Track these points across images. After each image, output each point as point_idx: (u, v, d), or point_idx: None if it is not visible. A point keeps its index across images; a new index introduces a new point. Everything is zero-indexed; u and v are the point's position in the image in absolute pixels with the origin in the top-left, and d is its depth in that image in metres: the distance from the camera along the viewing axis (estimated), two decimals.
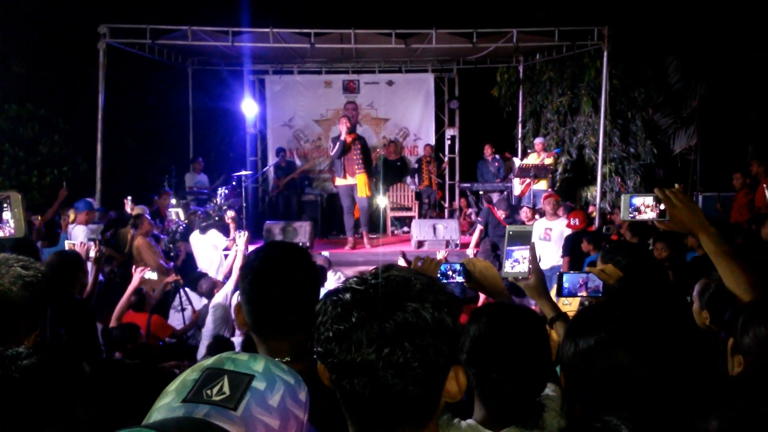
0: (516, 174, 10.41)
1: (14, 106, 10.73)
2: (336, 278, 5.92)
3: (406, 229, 11.36)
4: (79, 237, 6.44)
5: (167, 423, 0.75)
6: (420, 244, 9.63)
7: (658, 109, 12.93)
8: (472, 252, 8.88)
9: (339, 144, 8.93)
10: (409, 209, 11.30)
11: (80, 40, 10.33)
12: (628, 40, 11.14)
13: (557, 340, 2.01)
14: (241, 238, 5.75)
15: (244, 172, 10.11)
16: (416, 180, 11.74)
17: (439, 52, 11.13)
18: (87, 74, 9.78)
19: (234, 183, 10.08)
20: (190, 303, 6.24)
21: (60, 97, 11.53)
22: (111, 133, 9.85)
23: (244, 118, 12.11)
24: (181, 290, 6.26)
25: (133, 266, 5.37)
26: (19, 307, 1.67)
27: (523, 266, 2.00)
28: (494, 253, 8.54)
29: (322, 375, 0.98)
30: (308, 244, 9.17)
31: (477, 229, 9.14)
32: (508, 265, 2.00)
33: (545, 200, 8.18)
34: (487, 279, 2.11)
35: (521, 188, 10.31)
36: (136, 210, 8.05)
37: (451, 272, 2.15)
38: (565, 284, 2.34)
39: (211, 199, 9.88)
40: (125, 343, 4.31)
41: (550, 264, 7.50)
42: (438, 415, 1.00)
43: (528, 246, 1.99)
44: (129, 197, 8.64)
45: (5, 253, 1.83)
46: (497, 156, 11.82)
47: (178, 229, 8.20)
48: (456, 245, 9.56)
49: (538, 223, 7.96)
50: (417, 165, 11.87)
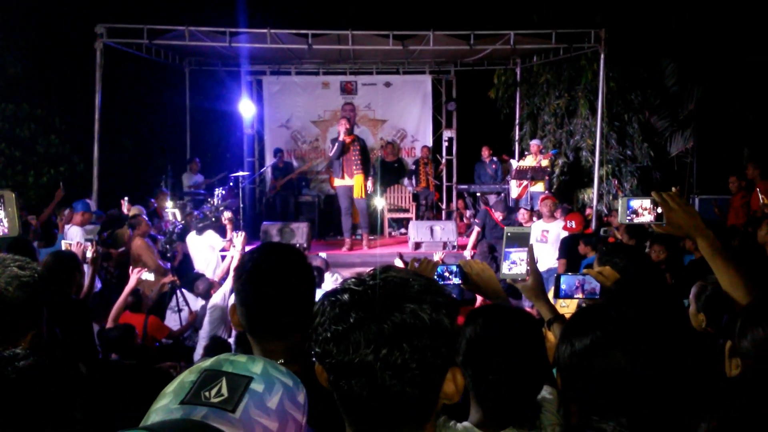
0: (513, 176, 10.42)
1: (11, 106, 10.69)
2: (333, 280, 5.91)
3: (403, 230, 11.37)
4: (75, 238, 6.42)
5: (165, 425, 0.75)
6: (417, 245, 9.63)
7: (655, 111, 12.94)
8: (470, 254, 8.89)
9: (338, 145, 8.96)
10: (406, 211, 11.31)
11: (77, 39, 10.31)
12: (625, 42, 11.16)
13: (554, 342, 2.01)
14: (239, 239, 5.75)
15: (241, 173, 10.10)
16: (413, 181, 11.74)
17: (437, 53, 11.14)
18: (84, 74, 9.75)
19: (231, 184, 10.07)
20: (187, 304, 6.23)
21: (57, 97, 11.49)
22: (108, 133, 9.83)
23: (241, 119, 12.11)
24: (178, 291, 6.24)
25: (130, 267, 5.35)
26: (15, 308, 1.66)
27: (521, 268, 2.00)
28: (491, 254, 8.55)
29: (319, 376, 0.98)
30: (305, 246, 9.16)
31: (474, 230, 9.16)
32: (505, 267, 2.00)
33: (542, 202, 8.20)
34: (484, 281, 2.10)
35: (518, 190, 10.32)
36: (132, 210, 8.03)
37: (447, 274, 2.15)
38: (562, 286, 2.34)
39: (208, 199, 9.86)
40: (121, 344, 4.30)
41: (547, 266, 7.51)
42: (435, 416, 1.00)
43: (526, 248, 2.00)
44: (125, 198, 8.63)
45: (1, 253, 1.83)
46: (494, 158, 11.84)
47: (174, 230, 8.18)
48: (453, 247, 9.58)
49: (535, 225, 7.97)
50: (414, 166, 11.88)
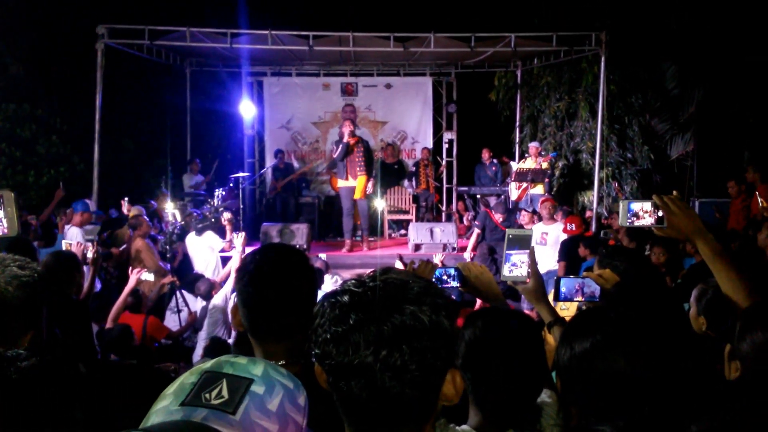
0: (513, 178, 10.42)
1: (12, 106, 10.69)
2: (333, 281, 5.91)
3: (403, 231, 11.36)
4: (75, 238, 6.42)
5: (165, 426, 0.75)
6: (417, 247, 9.63)
7: (655, 114, 12.95)
8: (470, 256, 8.88)
9: (342, 146, 9.02)
10: (406, 212, 11.31)
11: (78, 40, 10.32)
12: (625, 45, 11.17)
13: (554, 344, 2.01)
14: (239, 239, 5.75)
15: (241, 174, 10.10)
16: (414, 183, 11.75)
17: (438, 55, 11.15)
18: (85, 74, 9.76)
19: (231, 184, 10.07)
20: (187, 305, 6.23)
21: (58, 98, 11.51)
22: (108, 134, 9.83)
23: (241, 120, 12.11)
24: (178, 292, 6.24)
25: (129, 267, 5.35)
26: (14, 308, 1.66)
27: (522, 270, 2.00)
28: (491, 256, 8.54)
29: (319, 377, 0.98)
30: (305, 247, 9.16)
31: (474, 232, 9.15)
32: (506, 269, 2.00)
33: (542, 204, 8.20)
34: (483, 284, 2.10)
35: (518, 193, 10.32)
36: (133, 211, 8.03)
37: (446, 277, 2.15)
38: (562, 289, 2.34)
39: (209, 200, 9.86)
40: (119, 345, 4.30)
41: (546, 268, 7.50)
42: (434, 418, 1.00)
43: (527, 250, 1.99)
44: (126, 198, 8.63)
45: (1, 253, 1.83)
46: (495, 160, 11.84)
47: (174, 230, 8.18)
48: (453, 248, 9.58)
49: (534, 228, 7.97)
50: (414, 168, 11.88)
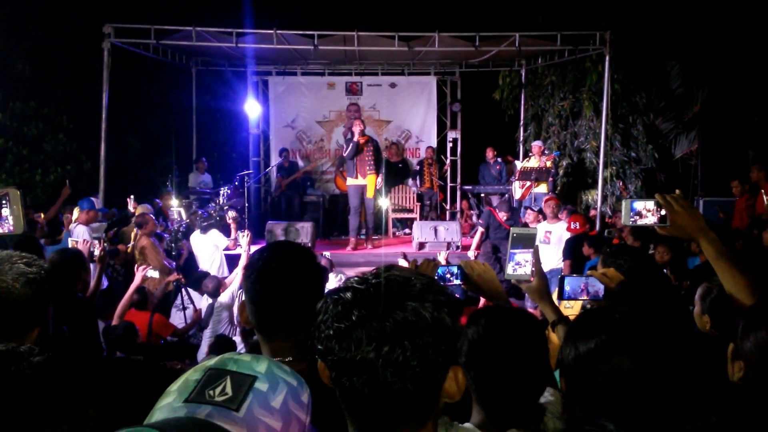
0: (516, 177, 10.41)
1: (18, 104, 10.74)
2: (337, 280, 5.92)
3: (407, 230, 11.37)
4: (81, 236, 6.45)
5: (169, 423, 0.76)
6: (421, 245, 9.63)
7: (660, 113, 12.92)
8: (473, 254, 8.88)
9: (353, 145, 9.13)
10: (410, 211, 11.32)
11: (85, 39, 10.35)
12: (630, 44, 11.14)
13: (558, 343, 2.01)
14: (245, 239, 5.75)
15: (246, 173, 10.12)
16: (418, 182, 11.75)
17: (442, 55, 11.14)
18: (91, 73, 9.79)
19: (237, 183, 10.09)
20: (192, 302, 6.25)
21: (64, 96, 11.54)
22: (115, 133, 9.87)
23: (247, 119, 12.14)
24: (183, 289, 6.26)
25: (135, 265, 5.37)
26: (21, 305, 1.67)
27: (526, 269, 2.00)
28: (495, 255, 8.54)
29: (321, 373, 0.98)
30: (310, 245, 9.18)
31: (478, 231, 9.15)
32: (510, 268, 2.00)
33: (546, 203, 8.19)
34: (486, 282, 2.10)
35: (521, 191, 10.30)
36: (139, 209, 8.05)
37: (449, 275, 2.15)
38: (566, 288, 2.34)
39: (214, 199, 9.88)
40: (123, 342, 4.32)
41: (549, 267, 7.50)
42: (437, 415, 1.00)
43: (531, 249, 1.99)
44: (132, 196, 8.66)
45: (8, 250, 1.84)
46: (499, 159, 11.83)
47: (179, 229, 8.20)
48: (457, 247, 9.57)
49: (538, 226, 7.96)
50: (419, 167, 11.88)
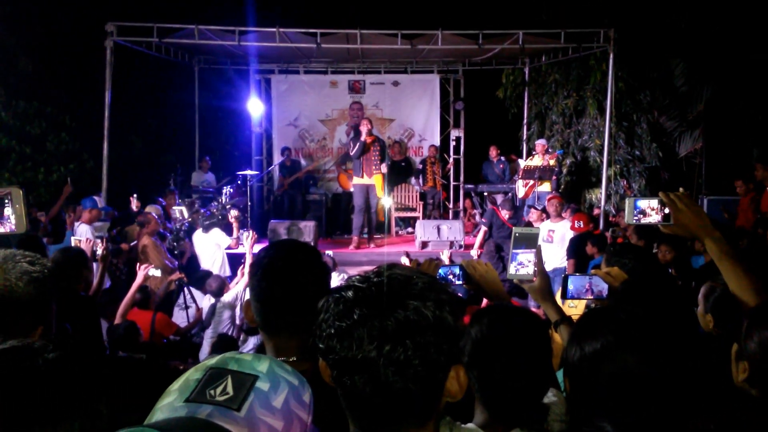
0: (520, 176, 10.40)
1: (21, 103, 10.75)
2: (340, 279, 5.91)
3: (410, 229, 11.36)
4: (83, 235, 6.46)
5: (170, 423, 0.75)
6: (424, 244, 9.62)
7: (664, 112, 12.88)
8: (476, 253, 8.87)
9: (359, 145, 9.18)
10: (413, 210, 11.31)
11: (87, 37, 10.36)
12: (634, 42, 11.11)
13: (561, 343, 2.01)
14: (248, 240, 5.75)
15: (249, 171, 10.12)
16: (421, 181, 11.74)
17: (445, 53, 11.12)
18: (94, 72, 9.80)
19: (239, 182, 10.09)
20: (194, 301, 6.25)
21: (67, 95, 11.55)
22: (117, 131, 9.87)
23: (249, 117, 12.14)
24: (185, 288, 6.26)
25: (137, 264, 5.38)
26: (24, 303, 1.67)
27: (528, 269, 1.99)
28: (498, 254, 8.53)
29: (323, 372, 0.98)
30: (312, 244, 9.18)
31: (481, 230, 9.14)
32: (512, 268, 1.99)
33: (549, 202, 8.18)
34: (488, 282, 2.10)
35: (525, 190, 10.29)
36: (148, 209, 8.08)
37: (451, 276, 2.14)
38: (569, 287, 2.33)
39: (216, 197, 9.88)
40: (125, 341, 4.32)
41: (553, 266, 7.49)
42: (438, 414, 1.00)
43: (534, 249, 1.98)
44: (135, 195, 8.67)
45: (11, 249, 1.84)
46: (502, 157, 11.81)
47: (181, 228, 8.21)
48: (460, 246, 9.56)
49: (541, 225, 7.95)
50: (422, 166, 11.87)
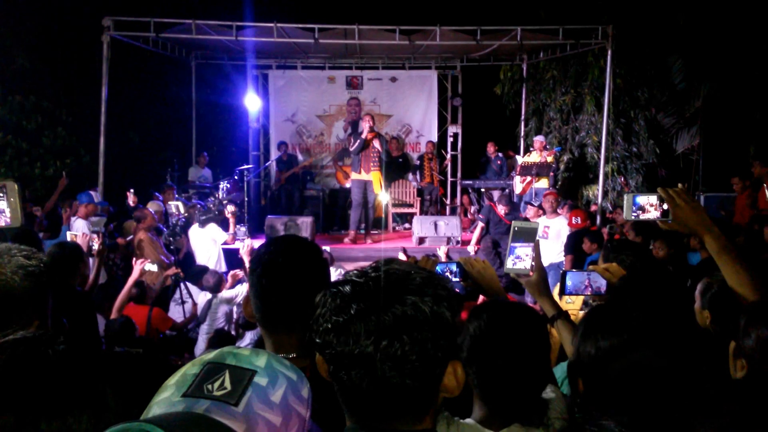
0: (517, 172, 10.40)
1: (18, 98, 10.72)
2: (337, 274, 5.90)
3: (407, 225, 11.36)
4: (80, 230, 6.44)
5: (167, 418, 0.75)
6: (421, 240, 9.62)
7: (661, 108, 12.90)
8: (473, 249, 8.88)
9: (360, 141, 9.19)
10: (410, 206, 11.31)
11: (84, 32, 10.33)
12: (632, 39, 11.12)
13: (558, 338, 2.01)
14: (244, 248, 5.73)
15: (246, 167, 10.11)
16: (418, 177, 11.74)
17: (443, 49, 11.11)
18: (91, 67, 9.77)
19: (236, 177, 10.07)
20: (191, 296, 6.24)
21: (64, 89, 11.52)
22: (114, 126, 9.85)
23: (247, 113, 12.11)
24: (182, 283, 6.25)
25: (133, 259, 5.37)
26: (20, 297, 1.66)
27: (526, 263, 1.98)
28: (495, 250, 8.54)
29: (320, 366, 0.98)
30: (309, 240, 9.18)
31: (478, 226, 9.14)
32: (509, 262, 1.98)
33: (545, 198, 8.19)
34: (485, 279, 2.10)
35: (522, 186, 10.29)
36: (151, 205, 8.07)
37: (448, 273, 2.14)
38: (568, 283, 2.33)
39: (213, 193, 9.87)
40: (121, 337, 4.32)
41: (548, 261, 7.49)
42: (435, 409, 1.00)
43: (532, 243, 1.98)
44: (131, 190, 8.65)
45: (7, 243, 1.83)
46: (500, 154, 11.82)
47: (178, 223, 8.19)
48: (457, 242, 9.56)
49: (538, 221, 7.96)
50: (419, 162, 11.87)
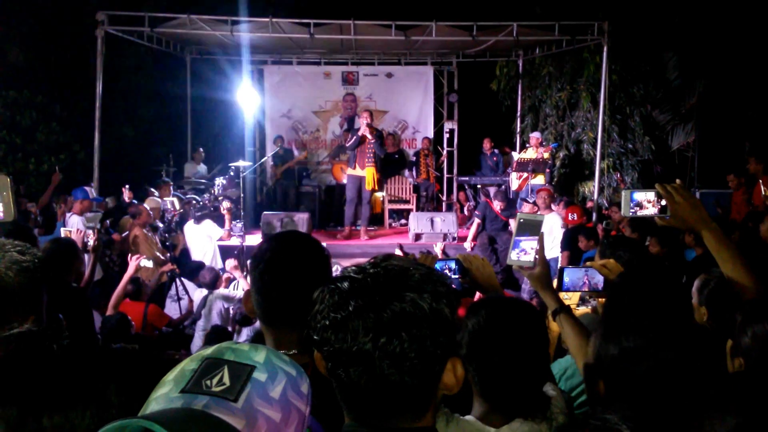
0: (514, 168, 10.41)
1: (12, 93, 10.67)
2: (333, 270, 5.91)
3: (403, 221, 11.35)
4: (74, 226, 6.42)
5: (166, 414, 0.74)
6: (417, 236, 9.62)
7: (657, 105, 12.92)
8: (470, 245, 8.88)
9: (356, 138, 9.21)
10: (406, 202, 11.30)
11: (79, 27, 10.29)
12: (627, 35, 11.12)
13: (558, 332, 2.00)
14: (240, 282, 5.76)
15: (242, 163, 10.08)
16: (414, 173, 11.72)
17: (439, 44, 11.09)
18: (85, 62, 9.73)
19: (232, 173, 10.04)
20: (187, 293, 6.23)
21: (58, 85, 11.46)
22: (109, 122, 9.81)
23: (242, 109, 12.07)
24: (177, 280, 6.24)
25: (129, 255, 5.35)
26: (14, 293, 1.65)
27: (530, 256, 1.98)
28: (491, 246, 8.55)
29: (318, 363, 0.97)
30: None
31: (474, 222, 9.15)
32: (514, 254, 1.97)
33: (538, 194, 8.20)
34: (484, 276, 2.11)
35: (518, 183, 10.30)
36: (149, 202, 8.04)
37: (447, 270, 2.14)
38: (565, 279, 2.33)
39: (209, 189, 9.84)
40: (117, 333, 4.31)
41: None
42: (435, 407, 0.99)
43: (537, 236, 1.97)
44: (127, 186, 8.62)
45: (1, 238, 1.81)
46: (496, 150, 11.82)
47: (173, 219, 8.17)
48: (453, 238, 9.56)
49: None
50: (415, 158, 11.85)
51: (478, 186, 11.57)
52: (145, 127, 13.25)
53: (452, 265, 2.15)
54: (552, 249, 7.57)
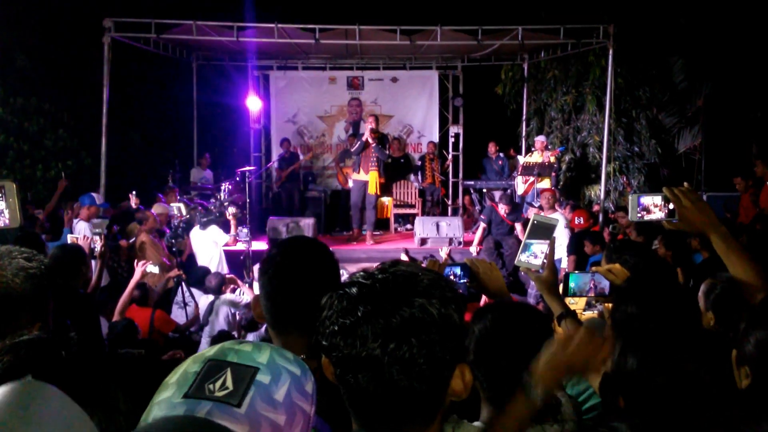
0: (519, 172, 10.38)
1: (19, 100, 10.71)
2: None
3: (409, 226, 11.35)
4: (81, 232, 6.44)
5: (168, 424, 0.73)
6: (423, 241, 9.61)
7: (663, 108, 12.87)
8: (476, 250, 8.87)
9: (360, 143, 9.30)
10: (412, 206, 11.29)
11: (85, 33, 10.32)
12: (633, 38, 11.10)
13: (564, 336, 1.99)
14: (246, 295, 5.79)
15: (247, 168, 10.10)
16: (419, 177, 11.72)
17: (444, 49, 11.10)
18: (92, 68, 9.77)
19: (238, 179, 10.06)
20: (193, 298, 6.23)
21: (65, 91, 11.51)
22: (115, 128, 9.84)
23: (248, 114, 12.10)
24: (183, 285, 6.24)
25: (135, 261, 5.36)
26: (21, 299, 1.66)
27: (539, 260, 1.97)
28: (497, 251, 8.53)
29: (326, 369, 0.97)
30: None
31: (480, 227, 9.12)
32: (523, 256, 1.96)
33: (542, 195, 8.18)
34: (491, 280, 2.10)
35: (524, 187, 10.28)
36: (156, 208, 8.06)
37: (452, 276, 2.13)
38: (571, 284, 2.32)
39: (215, 194, 9.85)
40: (123, 339, 4.31)
41: None
42: (443, 413, 0.99)
43: (548, 240, 1.96)
44: (134, 192, 8.65)
45: (8, 245, 1.82)
46: (501, 154, 11.80)
47: (180, 225, 8.18)
48: (459, 243, 9.55)
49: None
50: (420, 162, 11.85)
51: (484, 190, 11.55)
52: (152, 133, 13.28)
53: (457, 270, 2.14)
54: (556, 250, 7.54)
